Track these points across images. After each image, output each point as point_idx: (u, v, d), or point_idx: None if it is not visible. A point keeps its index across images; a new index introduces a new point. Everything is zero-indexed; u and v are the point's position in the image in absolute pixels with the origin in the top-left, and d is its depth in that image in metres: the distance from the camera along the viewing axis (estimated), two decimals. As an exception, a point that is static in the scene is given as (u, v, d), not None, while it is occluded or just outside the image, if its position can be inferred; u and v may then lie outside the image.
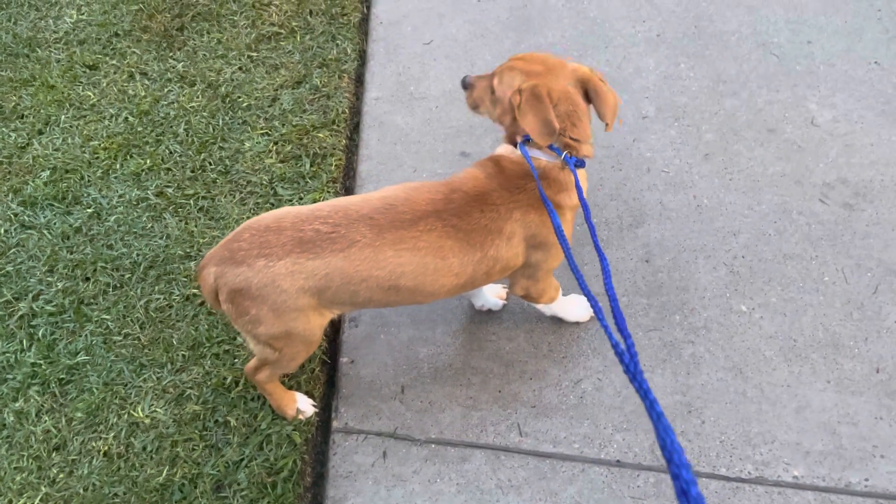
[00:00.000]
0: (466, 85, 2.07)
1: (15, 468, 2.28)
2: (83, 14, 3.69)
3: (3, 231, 2.86)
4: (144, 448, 2.30)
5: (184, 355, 2.48)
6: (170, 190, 2.92)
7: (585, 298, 2.42)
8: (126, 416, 2.37)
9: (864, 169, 2.73)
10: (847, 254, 2.52)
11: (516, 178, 1.90)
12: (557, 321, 2.44)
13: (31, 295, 2.66)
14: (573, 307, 2.40)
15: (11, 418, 2.38)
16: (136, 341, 2.52)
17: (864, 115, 2.89)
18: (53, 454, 2.31)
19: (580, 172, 1.95)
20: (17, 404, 2.41)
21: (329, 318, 1.99)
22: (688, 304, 2.45)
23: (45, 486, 2.24)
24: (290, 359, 2.04)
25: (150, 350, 2.50)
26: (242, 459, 2.25)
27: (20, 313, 2.61)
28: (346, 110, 3.16)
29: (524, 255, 1.96)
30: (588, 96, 1.88)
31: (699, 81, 3.07)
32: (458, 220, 1.85)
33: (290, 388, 2.38)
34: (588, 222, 1.76)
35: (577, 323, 2.44)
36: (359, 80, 3.33)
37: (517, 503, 2.11)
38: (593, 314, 2.44)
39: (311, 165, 2.94)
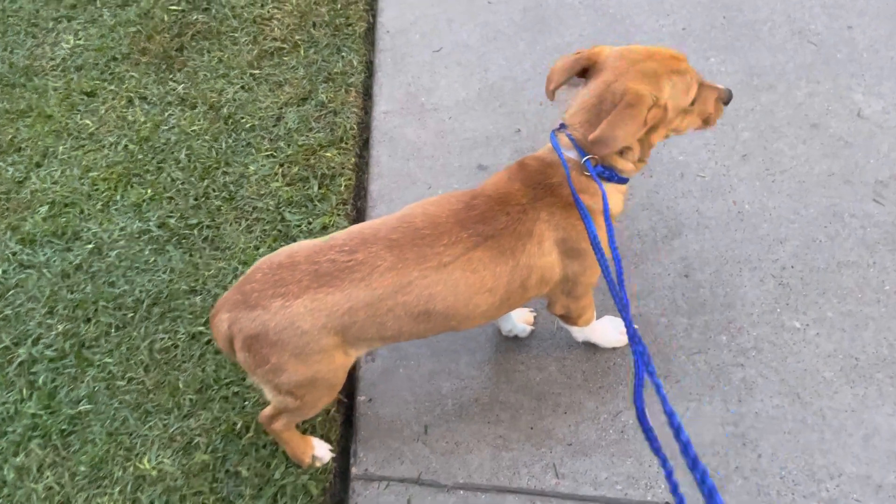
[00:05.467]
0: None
1: (15, 531, 2.13)
2: (80, 39, 3.55)
3: (1, 272, 2.72)
4: (152, 503, 2.13)
5: (191, 399, 2.31)
6: (172, 220, 2.76)
7: (620, 320, 2.23)
8: (132, 468, 2.20)
9: (920, 163, 2.49)
10: (908, 258, 2.29)
11: (538, 173, 1.71)
12: (591, 347, 2.24)
13: (30, 340, 2.51)
14: (608, 331, 2.20)
15: (12, 475, 2.23)
16: (140, 385, 2.36)
17: (915, 103, 2.65)
18: (56, 513, 2.16)
19: (615, 187, 1.75)
20: (17, 459, 2.26)
21: (354, 358, 1.80)
22: (735, 323, 2.24)
23: (46, 550, 2.08)
24: (311, 406, 1.86)
25: (155, 395, 2.34)
26: (256, 513, 2.07)
27: (20, 360, 2.47)
28: (355, 126, 2.98)
29: (560, 264, 1.76)
30: None
31: (731, 76, 2.85)
32: (483, 226, 1.66)
33: (304, 431, 2.20)
34: (611, 246, 1.55)
35: (613, 349, 2.23)
36: (367, 94, 3.16)
37: (557, 555, 1.91)
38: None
39: (320, 187, 2.77)
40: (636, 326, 2.22)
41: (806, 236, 2.38)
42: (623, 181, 1.76)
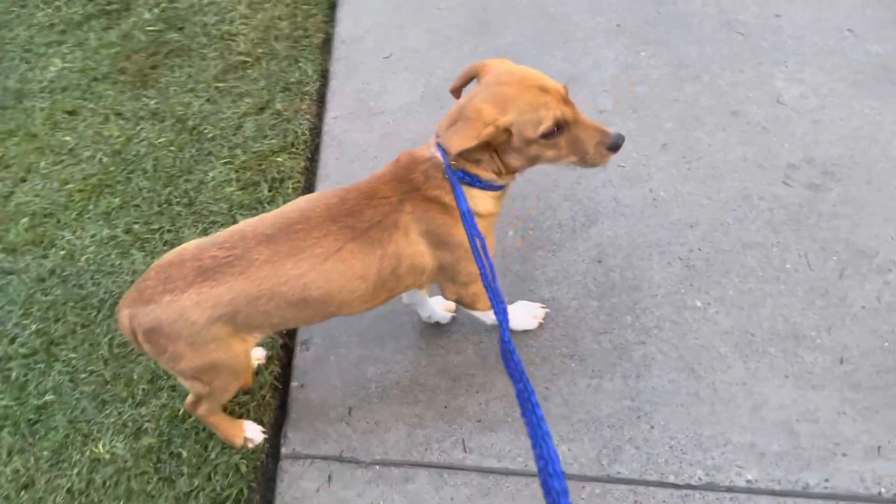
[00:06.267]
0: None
1: (-15, 509, 2.36)
2: (67, 62, 3.83)
3: (-15, 278, 2.98)
4: (104, 483, 2.34)
5: (143, 389, 2.52)
6: (137, 226, 2.99)
7: (532, 305, 2.37)
8: (88, 452, 2.42)
9: (832, 146, 2.57)
10: (811, 237, 2.38)
11: (405, 169, 1.85)
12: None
13: (7, 339, 2.76)
14: (517, 316, 2.34)
15: (-16, 460, 2.47)
16: (99, 378, 2.58)
17: (834, 87, 2.73)
18: (22, 493, 2.38)
19: (484, 192, 1.87)
20: (-10, 446, 2.50)
21: (253, 344, 1.97)
22: (640, 304, 2.36)
23: (11, 526, 2.31)
24: (222, 391, 2.04)
25: (112, 385, 2.55)
26: (192, 490, 2.27)
27: (-3, 358, 2.72)
28: (307, 132, 3.17)
29: (431, 254, 1.90)
30: None
31: (660, 69, 2.96)
32: (352, 219, 1.81)
33: (241, 415, 2.39)
34: (478, 254, 1.68)
35: (526, 332, 2.37)
36: (321, 101, 3.34)
37: (459, 522, 2.06)
38: (541, 321, 2.37)
39: (269, 190, 2.97)
40: (547, 310, 2.37)
41: (715, 220, 2.48)
42: (491, 188, 1.87)
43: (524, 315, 2.35)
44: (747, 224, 2.45)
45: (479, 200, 1.85)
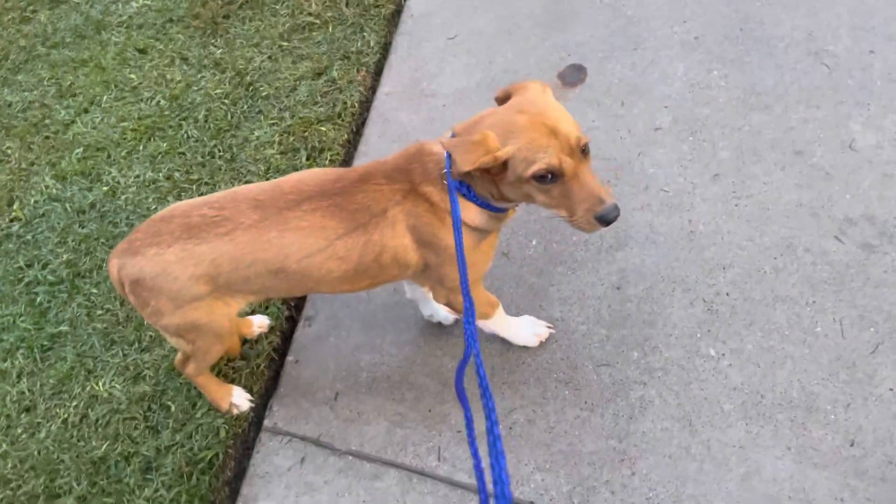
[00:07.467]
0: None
1: (-13, 423, 2.48)
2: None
3: (34, 201, 3.10)
4: (97, 420, 2.42)
5: (150, 336, 2.58)
6: (178, 174, 3.04)
7: (537, 322, 2.28)
8: (89, 388, 2.50)
9: (899, 205, 2.34)
10: (851, 303, 2.18)
11: (406, 160, 1.80)
12: (507, 344, 2.30)
13: (40, 264, 2.87)
14: (518, 330, 2.26)
15: (-4, 377, 2.59)
16: (113, 317, 2.66)
17: (916, 141, 2.47)
18: (23, 415, 2.49)
19: (472, 206, 1.79)
20: (4, 364, 2.62)
21: (237, 309, 1.96)
22: (650, 341, 2.23)
23: (6, 445, 2.42)
24: (204, 352, 2.05)
25: (123, 327, 2.62)
26: (174, 445, 2.31)
27: (27, 280, 2.83)
28: (356, 104, 3.13)
29: (416, 251, 1.84)
30: None
31: (729, 91, 2.76)
32: (342, 199, 1.78)
33: (233, 380, 2.42)
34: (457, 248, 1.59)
35: (526, 349, 2.28)
36: (377, 74, 3.29)
37: (417, 530, 2.02)
38: (543, 340, 2.27)
39: (307, 159, 2.95)
40: (552, 331, 2.27)
41: (751, 265, 2.31)
42: (486, 206, 1.79)
43: (527, 331, 2.26)
44: (785, 276, 2.27)
45: (469, 212, 1.77)
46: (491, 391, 1.32)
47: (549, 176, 1.60)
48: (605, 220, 1.63)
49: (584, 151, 1.63)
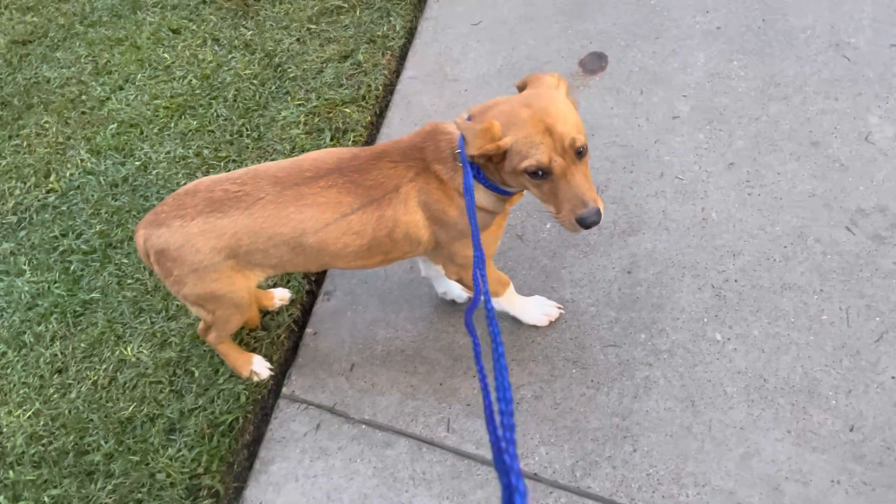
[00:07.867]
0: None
1: (23, 383, 2.61)
2: (183, -20, 4.00)
3: (69, 174, 3.23)
4: (124, 383, 2.54)
5: (176, 305, 2.69)
6: (207, 151, 3.14)
7: (548, 303, 2.34)
8: (118, 352, 2.62)
9: (912, 198, 2.36)
10: (859, 292, 2.21)
11: (421, 139, 1.86)
12: (518, 324, 2.37)
13: (74, 234, 3.00)
14: (528, 309, 2.32)
15: (31, 339, 2.72)
16: (142, 286, 2.77)
17: (934, 134, 2.48)
18: (55, 376, 2.62)
19: (479, 186, 1.85)
20: (39, 328, 2.75)
21: (255, 282, 2.05)
22: (658, 324, 2.28)
23: (39, 403, 2.54)
24: (224, 321, 2.15)
25: (151, 296, 2.74)
26: (196, 408, 2.42)
27: (62, 249, 2.96)
28: (381, 87, 3.20)
29: (427, 227, 1.91)
30: None
31: (749, 82, 2.78)
32: (358, 175, 1.85)
33: (254, 349, 2.52)
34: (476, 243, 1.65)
35: (537, 328, 2.35)
36: (402, 58, 3.36)
37: (425, 497, 2.10)
38: (552, 320, 2.34)
39: (331, 139, 3.03)
40: (562, 311, 2.33)
41: (761, 253, 2.35)
42: (492, 187, 1.84)
43: (537, 310, 2.33)
44: (794, 264, 2.30)
45: (477, 193, 1.84)
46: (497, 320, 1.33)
47: (540, 172, 1.66)
48: (584, 223, 1.68)
49: (579, 153, 1.68)
